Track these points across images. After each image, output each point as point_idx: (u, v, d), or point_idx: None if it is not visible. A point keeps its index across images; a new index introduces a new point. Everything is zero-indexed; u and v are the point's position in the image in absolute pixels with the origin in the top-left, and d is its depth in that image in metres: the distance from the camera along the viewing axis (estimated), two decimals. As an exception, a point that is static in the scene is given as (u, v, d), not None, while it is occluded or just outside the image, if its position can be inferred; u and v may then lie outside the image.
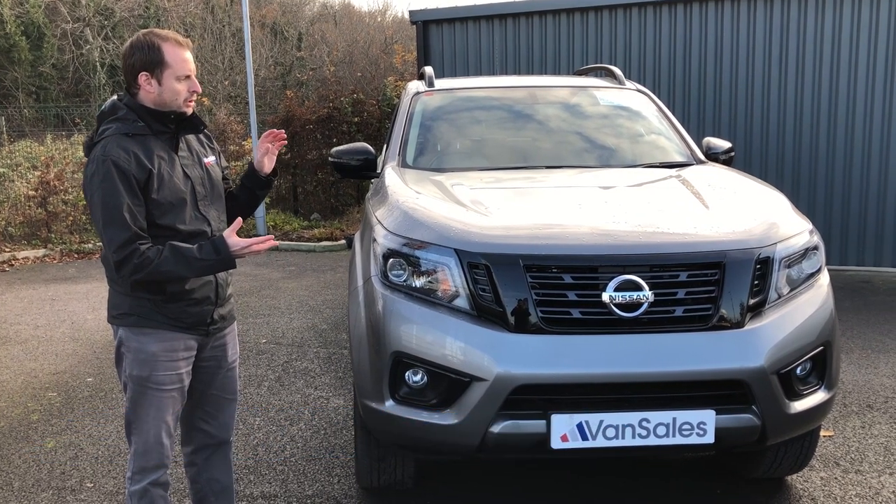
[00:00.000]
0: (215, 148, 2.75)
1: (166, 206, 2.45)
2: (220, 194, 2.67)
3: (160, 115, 2.47)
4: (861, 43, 7.57)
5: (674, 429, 2.62)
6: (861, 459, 3.70)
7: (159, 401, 2.52)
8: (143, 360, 2.50)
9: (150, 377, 2.50)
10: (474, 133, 4.48)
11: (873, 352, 5.35)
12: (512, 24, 8.97)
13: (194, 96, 2.53)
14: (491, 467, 3.67)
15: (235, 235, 2.44)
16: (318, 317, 6.69)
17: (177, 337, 2.53)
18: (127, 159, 2.37)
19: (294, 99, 13.55)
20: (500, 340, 2.65)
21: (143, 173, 2.40)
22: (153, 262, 2.37)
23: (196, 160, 2.60)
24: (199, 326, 2.58)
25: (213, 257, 2.41)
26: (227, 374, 2.75)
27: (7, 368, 5.48)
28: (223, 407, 2.78)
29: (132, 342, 2.51)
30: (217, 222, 2.61)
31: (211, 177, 2.63)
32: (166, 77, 2.45)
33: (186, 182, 2.52)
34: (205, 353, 2.66)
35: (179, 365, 2.55)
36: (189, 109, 2.52)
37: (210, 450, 2.80)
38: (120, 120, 2.46)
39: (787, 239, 2.90)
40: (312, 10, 26.82)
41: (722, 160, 4.28)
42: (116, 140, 2.41)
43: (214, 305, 2.61)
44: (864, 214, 7.76)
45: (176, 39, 2.47)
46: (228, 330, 2.74)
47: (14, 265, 9.91)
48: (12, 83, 20.89)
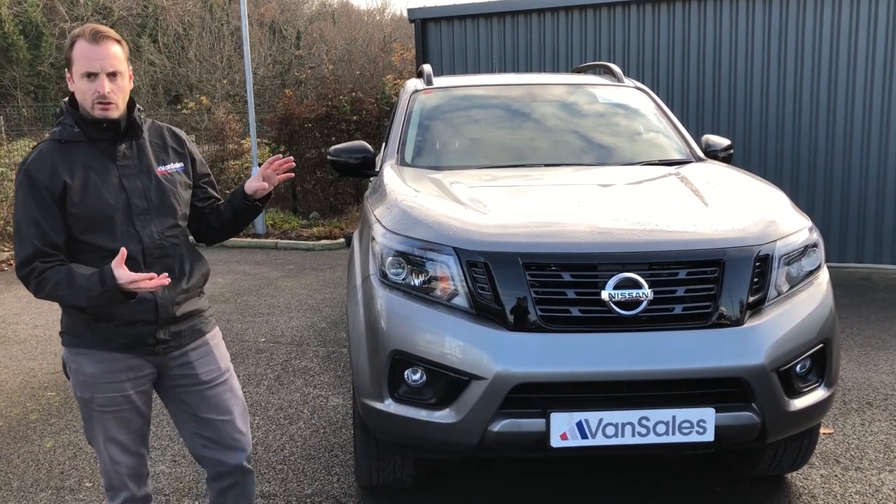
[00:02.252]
0: (187, 154, 2.48)
1: (87, 220, 2.24)
2: (171, 207, 2.38)
3: (93, 122, 2.26)
4: (860, 40, 7.56)
5: (673, 427, 2.62)
6: (861, 457, 3.70)
7: (106, 422, 2.36)
8: (82, 381, 2.35)
9: (92, 399, 2.35)
10: (473, 131, 4.47)
11: (873, 349, 5.34)
12: (510, 21, 8.97)
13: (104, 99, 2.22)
14: (490, 466, 3.66)
15: (123, 267, 2.15)
16: (317, 315, 6.68)
17: (115, 358, 2.33)
18: (42, 169, 2.21)
19: (292, 97, 13.54)
20: (499, 339, 2.65)
21: (58, 185, 2.21)
22: (49, 283, 2.20)
23: (144, 168, 2.34)
24: (140, 347, 2.35)
25: (98, 288, 2.16)
26: (207, 394, 2.48)
27: (6, 368, 5.48)
28: (219, 429, 2.51)
29: (70, 363, 2.37)
30: (157, 238, 2.33)
31: (162, 187, 2.36)
32: (75, 75, 2.24)
33: (120, 194, 2.28)
34: (171, 373, 2.44)
35: (124, 386, 2.35)
36: (108, 113, 2.24)
37: (226, 481, 2.57)
38: (61, 124, 2.30)
39: (787, 236, 2.90)
40: (311, 9, 26.81)
41: (721, 158, 4.28)
42: (44, 148, 2.26)
43: (156, 325, 2.34)
44: (862, 211, 7.76)
45: (92, 34, 2.22)
46: (192, 347, 2.46)
47: (13, 265, 9.90)
48: (11, 82, 20.89)
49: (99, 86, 2.21)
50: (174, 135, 2.50)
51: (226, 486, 2.59)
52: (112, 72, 2.23)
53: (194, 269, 2.47)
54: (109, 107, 2.24)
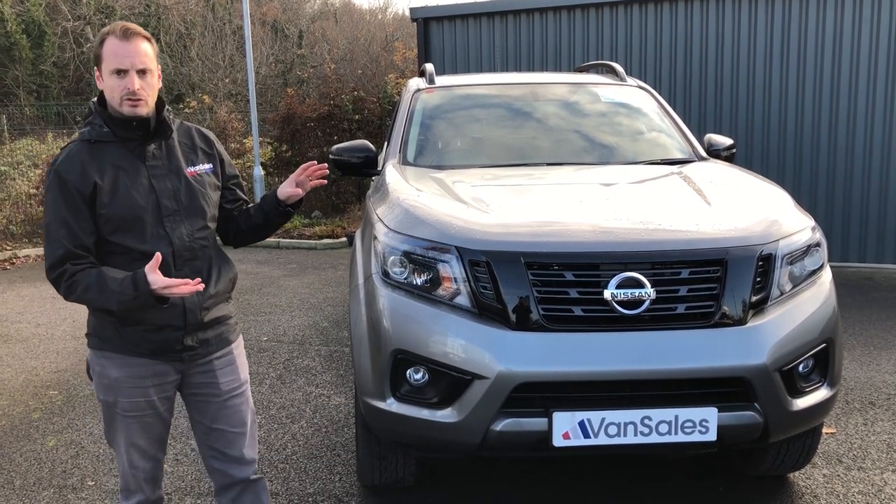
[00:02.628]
0: (216, 155, 2.46)
1: (117, 221, 2.21)
2: (200, 209, 2.35)
3: (122, 121, 2.23)
4: (863, 38, 7.55)
5: (676, 426, 2.61)
6: (863, 456, 3.70)
7: (129, 426, 2.33)
8: (106, 385, 2.31)
9: (115, 403, 2.31)
10: (475, 130, 4.47)
11: (875, 349, 5.34)
12: (513, 20, 8.96)
13: (134, 96, 2.19)
14: (493, 465, 3.66)
15: (157, 272, 2.13)
16: (320, 314, 6.68)
17: (141, 363, 2.29)
18: (72, 170, 2.19)
19: (295, 97, 13.55)
20: (501, 338, 2.64)
21: (88, 186, 2.18)
22: (80, 286, 2.17)
23: (174, 169, 2.32)
24: (167, 353, 2.31)
25: (132, 293, 2.13)
26: (224, 405, 2.44)
27: (8, 367, 5.48)
28: (231, 442, 2.47)
29: (95, 365, 2.33)
30: (187, 240, 2.30)
31: (192, 188, 2.33)
32: (104, 72, 2.21)
33: (150, 195, 2.25)
34: (192, 380, 2.41)
35: (149, 392, 2.32)
36: (128, 111, 2.21)
37: (235, 491, 2.52)
38: (90, 124, 2.27)
39: (790, 236, 2.89)
40: (313, 8, 26.81)
41: (723, 157, 4.27)
42: (74, 148, 2.24)
43: (183, 331, 2.30)
44: (865, 211, 7.75)
45: (122, 30, 2.20)
46: (218, 355, 2.42)
47: (15, 263, 9.91)
48: (13, 81, 20.91)
49: (128, 82, 2.19)
50: (203, 135, 2.47)
51: (236, 495, 2.53)
52: (141, 69, 2.21)
53: (222, 272, 2.44)
54: (139, 104, 2.21)
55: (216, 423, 2.45)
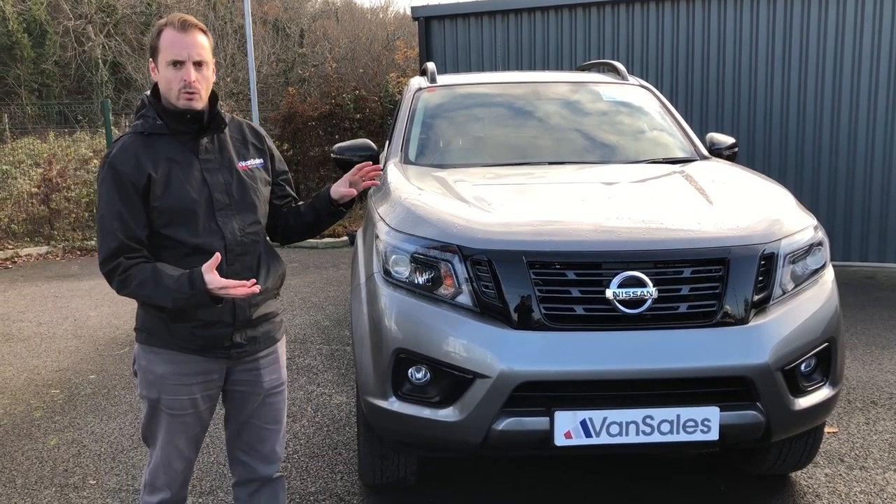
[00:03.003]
0: (266, 150, 2.45)
1: (170, 214, 2.21)
2: (251, 203, 2.35)
3: (176, 114, 2.23)
4: (865, 35, 7.54)
5: (678, 426, 2.61)
6: (866, 456, 3.69)
7: (170, 424, 2.32)
8: (151, 381, 2.30)
9: (159, 399, 2.30)
10: (477, 129, 4.46)
11: (877, 348, 5.33)
12: (514, 19, 8.95)
13: (190, 88, 2.19)
14: (494, 464, 3.66)
15: (215, 272, 2.13)
16: (321, 313, 6.68)
17: (189, 360, 2.28)
18: (126, 162, 2.18)
19: (296, 95, 13.54)
20: (503, 337, 2.64)
21: (142, 178, 2.18)
22: (134, 281, 2.16)
23: (226, 163, 2.31)
24: (215, 350, 2.31)
25: (187, 291, 2.13)
26: (264, 402, 2.45)
27: (10, 365, 5.48)
28: (263, 438, 2.48)
29: (141, 360, 2.32)
30: (238, 235, 2.30)
31: (243, 183, 2.33)
32: (160, 63, 2.21)
33: (202, 188, 2.25)
34: (235, 377, 2.39)
35: (193, 389, 2.30)
36: (193, 104, 2.21)
37: (254, 486, 2.51)
38: (143, 117, 2.26)
39: (792, 235, 2.89)
40: (314, 7, 26.80)
41: (725, 156, 4.26)
42: (128, 140, 2.23)
43: (232, 327, 2.30)
44: (867, 210, 7.74)
45: (181, 22, 2.20)
46: (264, 353, 2.43)
47: (17, 262, 9.92)
48: (15, 80, 20.92)
49: (185, 74, 2.18)
50: (254, 130, 2.47)
51: (255, 490, 2.53)
52: (198, 61, 2.21)
53: (271, 268, 2.44)
54: (194, 96, 2.21)
55: (252, 419, 2.45)
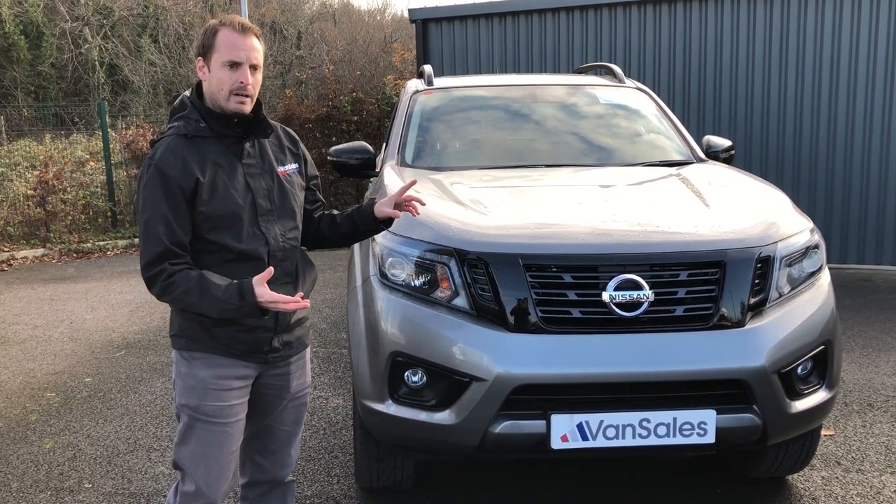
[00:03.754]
0: (301, 154, 2.43)
1: (216, 219, 2.17)
2: (291, 209, 2.33)
3: (222, 117, 2.19)
4: (861, 40, 7.55)
5: (674, 429, 2.61)
6: (862, 459, 3.69)
7: (209, 435, 2.24)
8: (191, 386, 2.24)
9: (198, 406, 2.24)
10: (473, 132, 4.46)
11: (874, 350, 5.33)
12: (511, 22, 8.96)
13: (244, 91, 2.17)
14: (491, 467, 3.65)
15: (265, 285, 2.10)
16: (317, 316, 6.68)
17: (229, 363, 2.25)
18: (173, 165, 2.13)
19: (293, 98, 13.54)
20: (499, 340, 2.64)
21: (190, 182, 2.13)
22: (179, 288, 2.11)
23: (267, 168, 2.29)
24: (255, 354, 2.29)
25: (236, 303, 2.09)
26: (289, 406, 2.44)
27: (5, 368, 5.47)
28: (283, 441, 2.47)
29: (181, 366, 2.27)
30: (280, 241, 2.28)
31: (283, 188, 2.31)
32: (214, 63, 2.16)
33: (246, 194, 2.22)
34: (264, 380, 2.37)
35: (232, 395, 2.26)
36: (242, 107, 2.19)
37: (264, 487, 2.50)
38: (184, 118, 2.21)
39: (788, 238, 2.89)
40: (312, 9, 26.80)
41: (722, 159, 4.27)
42: (171, 142, 2.17)
43: (273, 332, 2.29)
44: (864, 212, 7.75)
45: (240, 24, 2.17)
46: (296, 358, 2.42)
47: (13, 265, 9.89)
48: (11, 82, 20.89)
49: (242, 75, 2.16)
50: (289, 135, 2.45)
51: (265, 492, 2.51)
52: (254, 65, 2.19)
53: (307, 274, 2.43)
54: (246, 100, 2.19)
55: (274, 422, 2.44)
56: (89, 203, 11.34)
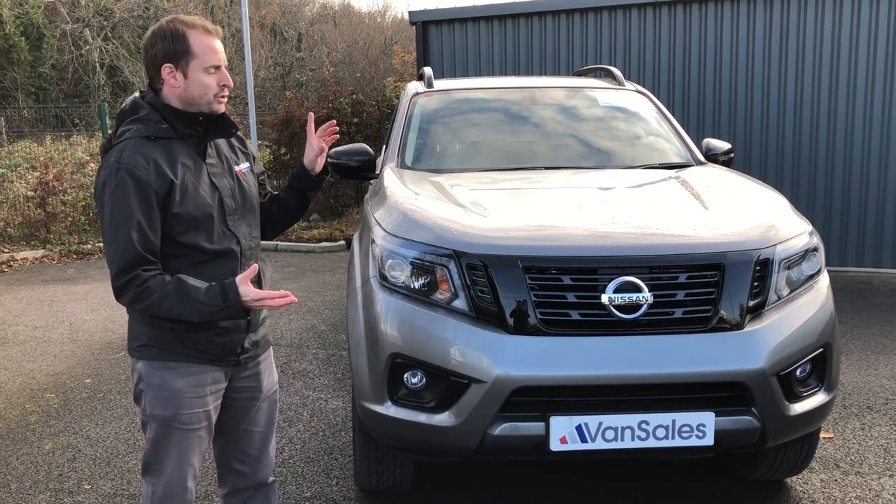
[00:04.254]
0: (249, 152, 2.43)
1: (189, 221, 2.14)
2: (252, 207, 2.35)
3: (187, 116, 2.17)
4: (860, 43, 7.56)
5: (673, 431, 2.61)
6: (861, 461, 3.69)
7: (185, 442, 2.22)
8: (166, 397, 2.19)
9: (175, 416, 2.20)
10: (473, 134, 4.47)
11: (873, 353, 5.34)
12: (511, 24, 8.97)
13: (226, 91, 2.21)
14: (490, 468, 3.66)
15: (249, 284, 2.10)
16: (317, 318, 6.68)
17: (204, 370, 2.23)
18: (146, 168, 2.07)
19: (293, 99, 13.56)
20: (498, 342, 2.64)
21: (164, 185, 2.09)
22: (154, 294, 2.07)
23: (226, 168, 2.29)
24: (229, 357, 2.27)
25: (220, 304, 2.08)
26: (262, 406, 2.44)
27: (5, 369, 5.47)
28: (260, 443, 2.46)
29: (153, 378, 2.20)
30: (248, 239, 2.30)
31: (242, 187, 2.32)
32: (193, 69, 2.14)
33: (214, 194, 2.21)
34: (235, 384, 2.35)
35: (207, 401, 2.25)
36: (220, 107, 2.21)
37: (248, 493, 2.49)
38: (141, 120, 2.16)
39: (787, 240, 2.90)
40: (312, 11, 26.83)
41: (721, 161, 4.28)
42: (135, 144, 2.10)
43: (246, 332, 2.29)
44: (863, 215, 7.76)
45: (204, 26, 2.17)
46: (263, 357, 2.42)
47: (13, 266, 9.89)
48: (12, 84, 20.91)
49: (223, 78, 2.18)
50: (237, 135, 2.45)
51: (249, 497, 2.50)
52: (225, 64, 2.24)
53: (266, 271, 2.42)
54: (225, 99, 2.22)
55: (249, 426, 2.43)
56: (89, 204, 11.33)
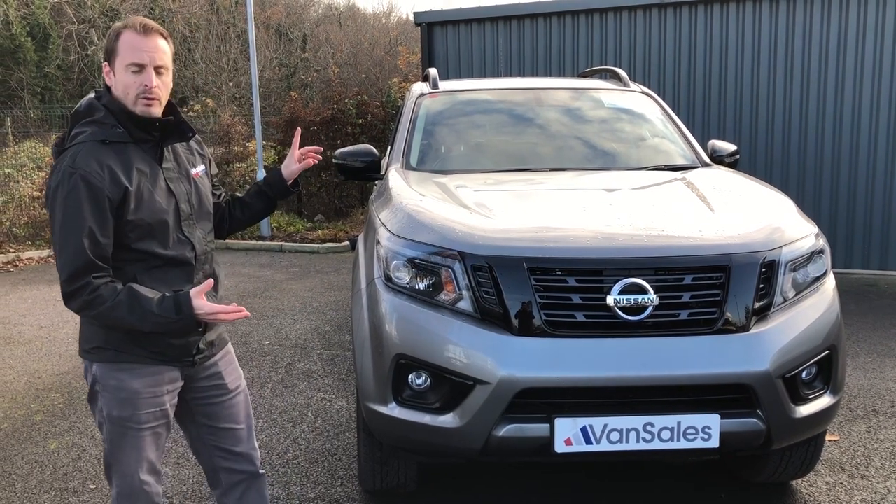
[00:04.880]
0: (205, 155, 2.41)
1: (144, 228, 2.12)
2: (207, 210, 2.34)
3: (142, 121, 2.13)
4: (867, 46, 7.55)
5: (678, 433, 2.61)
6: (867, 464, 3.68)
7: (141, 440, 2.23)
8: (123, 399, 2.19)
9: (131, 417, 2.20)
10: (478, 135, 4.47)
11: (879, 356, 5.32)
12: (517, 25, 8.97)
13: (151, 93, 2.11)
14: (494, 469, 3.65)
15: (203, 297, 2.10)
16: (322, 318, 6.68)
17: (160, 370, 2.23)
18: (100, 174, 2.04)
19: (298, 100, 13.57)
20: (503, 343, 2.64)
21: (119, 192, 2.06)
22: (105, 302, 2.05)
23: (183, 173, 2.27)
24: (185, 358, 2.28)
25: (172, 316, 2.07)
26: (232, 403, 2.44)
27: (11, 369, 5.49)
28: (239, 438, 2.48)
29: (109, 380, 2.19)
30: (202, 244, 2.29)
31: (199, 191, 2.31)
32: (117, 67, 2.10)
33: (170, 199, 2.19)
34: (197, 384, 2.37)
35: (164, 400, 2.26)
36: (149, 110, 2.13)
37: (241, 488, 2.51)
38: (97, 123, 2.12)
39: (793, 242, 2.89)
40: (317, 12, 26.86)
41: (727, 163, 4.27)
42: (89, 149, 2.07)
43: (202, 334, 2.29)
44: (869, 217, 7.74)
45: (142, 25, 2.11)
46: (221, 355, 2.43)
47: (18, 266, 9.92)
48: (18, 84, 20.97)
49: (146, 78, 2.10)
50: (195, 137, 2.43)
51: (243, 492, 2.53)
52: (159, 66, 2.13)
53: (220, 274, 2.44)
54: (153, 102, 2.13)
55: (222, 423, 2.44)
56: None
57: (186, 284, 2.23)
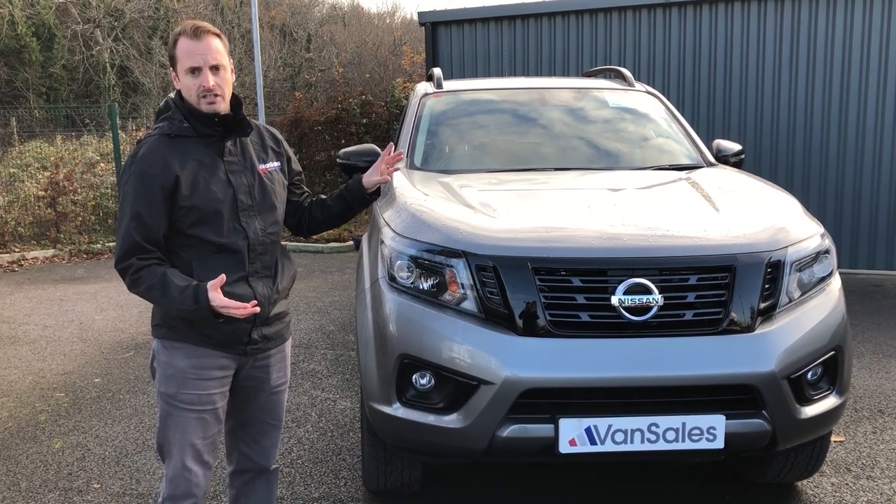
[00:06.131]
0: (283, 153, 2.56)
1: (197, 214, 2.27)
2: (272, 204, 2.44)
3: (204, 117, 2.30)
4: (872, 45, 7.52)
5: (683, 434, 2.60)
6: (872, 465, 3.67)
7: (186, 422, 2.34)
8: (170, 375, 2.34)
9: (176, 395, 2.33)
10: (483, 135, 4.46)
11: (885, 356, 5.30)
12: (521, 25, 8.96)
13: (210, 94, 2.27)
14: (498, 470, 3.65)
15: (219, 291, 2.20)
16: (326, 318, 6.68)
17: (208, 354, 2.34)
18: (154, 164, 2.24)
19: (303, 100, 13.58)
20: (507, 343, 2.63)
21: (170, 179, 2.24)
22: (144, 284, 2.23)
23: (248, 166, 2.40)
24: (234, 345, 2.37)
25: (191, 305, 2.20)
26: (269, 398, 2.54)
27: (15, 368, 5.50)
28: (265, 431, 2.57)
29: (162, 355, 2.37)
30: (259, 235, 2.38)
31: (264, 185, 2.42)
32: (179, 72, 2.30)
33: (227, 190, 2.32)
34: (245, 373, 2.46)
35: (210, 385, 2.35)
36: (215, 108, 2.29)
37: (250, 475, 2.61)
38: (168, 119, 2.34)
39: (798, 242, 2.88)
40: (321, 12, 26.88)
41: (732, 163, 4.26)
42: (155, 141, 2.29)
43: (253, 324, 2.38)
44: (874, 217, 7.72)
45: (193, 29, 2.27)
46: (275, 351, 2.52)
47: (23, 265, 9.95)
48: (23, 84, 21.01)
49: (203, 80, 2.27)
50: (271, 134, 2.57)
51: (251, 479, 2.62)
52: (214, 65, 2.28)
53: (286, 269, 2.52)
54: (216, 100, 2.29)
55: (257, 413, 2.54)
56: (99, 204, 11.39)
57: (240, 272, 2.34)
